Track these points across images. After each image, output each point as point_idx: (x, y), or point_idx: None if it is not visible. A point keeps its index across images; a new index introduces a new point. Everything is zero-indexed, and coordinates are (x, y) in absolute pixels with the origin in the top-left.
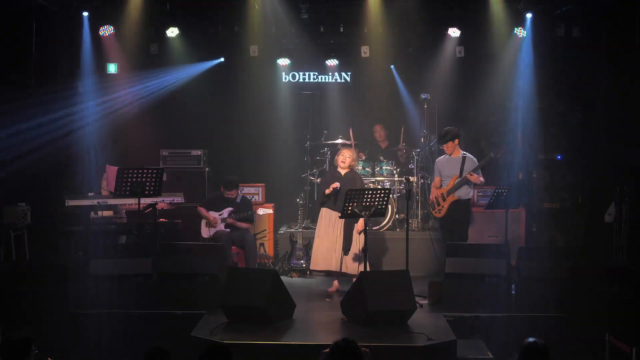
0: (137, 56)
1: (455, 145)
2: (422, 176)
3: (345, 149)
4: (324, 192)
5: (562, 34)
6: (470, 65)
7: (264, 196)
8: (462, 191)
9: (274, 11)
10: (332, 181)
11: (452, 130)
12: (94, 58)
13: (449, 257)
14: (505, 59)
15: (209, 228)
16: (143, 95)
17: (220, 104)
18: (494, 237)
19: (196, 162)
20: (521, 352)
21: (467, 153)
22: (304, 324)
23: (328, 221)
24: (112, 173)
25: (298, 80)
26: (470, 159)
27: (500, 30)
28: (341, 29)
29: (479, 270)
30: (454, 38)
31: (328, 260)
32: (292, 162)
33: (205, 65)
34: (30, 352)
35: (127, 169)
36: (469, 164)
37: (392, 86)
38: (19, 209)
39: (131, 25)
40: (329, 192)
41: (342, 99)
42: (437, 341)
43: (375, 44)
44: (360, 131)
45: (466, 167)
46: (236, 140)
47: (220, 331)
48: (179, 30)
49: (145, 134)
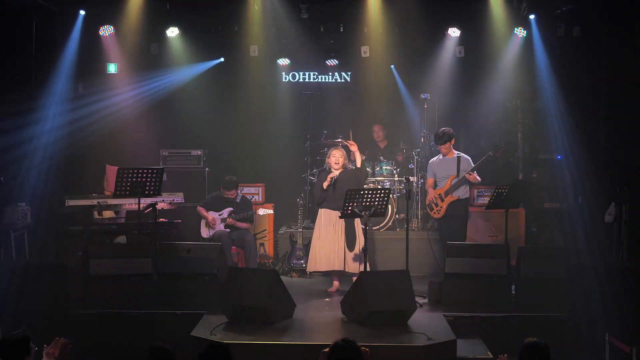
0: (137, 56)
1: (451, 145)
2: (422, 176)
3: (335, 150)
4: (322, 187)
5: (562, 34)
6: (470, 65)
7: (264, 196)
8: (460, 191)
9: (274, 11)
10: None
11: (448, 131)
12: (93, 58)
13: (449, 257)
14: (505, 59)
15: (208, 228)
16: (143, 95)
17: (220, 104)
18: (494, 237)
19: (196, 162)
20: (522, 351)
21: (461, 153)
22: (304, 324)
23: (328, 221)
24: (112, 173)
25: (298, 80)
26: (465, 158)
27: (500, 30)
28: (341, 29)
29: (479, 270)
30: (454, 38)
31: (331, 261)
32: (292, 162)
33: (206, 66)
34: (30, 352)
35: (127, 169)
36: (464, 164)
37: (392, 86)
38: (19, 209)
39: (131, 25)
40: (327, 184)
41: (342, 99)
42: (437, 341)
43: (375, 44)
44: (361, 131)
45: (462, 167)
46: (236, 140)
47: (220, 331)
48: (179, 30)
49: (145, 134)
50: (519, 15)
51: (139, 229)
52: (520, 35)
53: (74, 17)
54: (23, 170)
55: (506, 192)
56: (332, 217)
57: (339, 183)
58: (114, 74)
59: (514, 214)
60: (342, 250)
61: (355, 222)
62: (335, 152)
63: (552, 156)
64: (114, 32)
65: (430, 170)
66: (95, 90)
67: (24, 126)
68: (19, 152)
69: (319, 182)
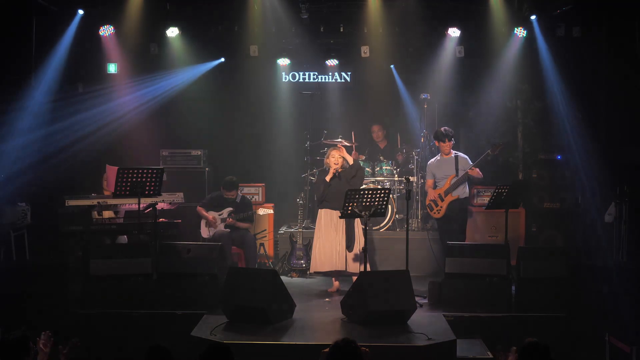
0: (137, 56)
1: (451, 145)
2: (422, 176)
3: (334, 150)
4: (324, 181)
5: (562, 34)
6: (470, 65)
7: (264, 196)
8: (459, 190)
9: (274, 11)
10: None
11: (451, 130)
12: (93, 58)
13: (449, 257)
14: (505, 59)
15: (208, 228)
16: (143, 95)
17: (220, 104)
18: (494, 237)
19: (196, 162)
20: (522, 352)
21: (458, 152)
22: (304, 324)
23: (329, 221)
24: (112, 173)
25: (298, 80)
26: (463, 157)
27: (500, 30)
28: (341, 29)
29: (479, 270)
30: (454, 38)
31: (333, 261)
32: (292, 162)
33: (207, 66)
34: (30, 352)
35: (127, 169)
36: (462, 162)
37: (392, 86)
38: (19, 209)
39: (131, 25)
40: (330, 177)
41: (342, 99)
42: (437, 341)
43: (375, 44)
44: (361, 131)
45: (460, 166)
46: (236, 140)
47: (220, 331)
48: (179, 30)
49: (145, 134)
50: (519, 15)
51: (139, 229)
52: (520, 35)
53: (74, 17)
54: (23, 170)
55: (506, 192)
56: (333, 217)
57: (338, 185)
58: (114, 74)
59: (514, 214)
60: (344, 250)
61: (355, 222)
62: (334, 153)
63: (552, 156)
64: (114, 32)
65: (429, 171)
66: (95, 90)
67: (23, 126)
68: (19, 152)
69: (319, 181)
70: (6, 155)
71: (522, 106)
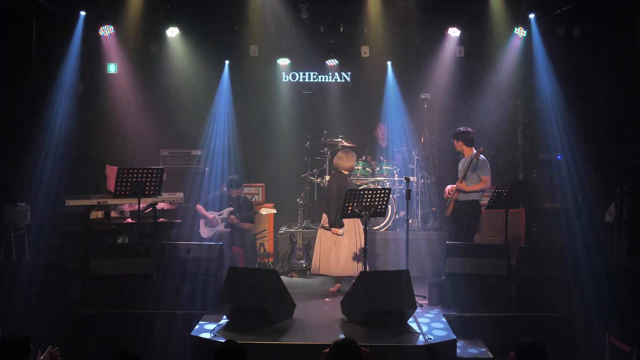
0: (137, 56)
1: (461, 145)
2: (422, 176)
3: (352, 153)
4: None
5: (562, 34)
6: (470, 65)
7: (264, 196)
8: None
9: (274, 11)
10: (347, 186)
11: (458, 130)
12: (93, 58)
13: (449, 257)
14: (505, 59)
15: (208, 228)
16: (143, 95)
17: (221, 104)
18: (494, 237)
19: (196, 162)
20: (518, 352)
21: (480, 155)
22: (304, 324)
23: (352, 227)
24: (112, 173)
25: (298, 80)
26: (470, 161)
27: (500, 30)
28: (341, 29)
29: (479, 270)
30: (454, 38)
31: (352, 265)
32: (292, 162)
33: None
34: (29, 352)
35: (127, 169)
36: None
37: (392, 85)
38: (19, 209)
39: (131, 25)
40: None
41: (342, 99)
42: (437, 341)
43: (375, 44)
44: (361, 131)
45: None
46: (236, 140)
47: (220, 331)
48: (179, 30)
49: (145, 134)
50: (519, 15)
51: (139, 229)
52: (520, 35)
53: (74, 17)
54: (23, 170)
55: (506, 192)
56: (356, 222)
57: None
58: (114, 74)
59: (514, 214)
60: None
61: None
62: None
63: (552, 156)
64: (114, 32)
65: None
66: (95, 90)
67: (24, 126)
68: (19, 152)
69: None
70: (6, 154)
71: (522, 106)
